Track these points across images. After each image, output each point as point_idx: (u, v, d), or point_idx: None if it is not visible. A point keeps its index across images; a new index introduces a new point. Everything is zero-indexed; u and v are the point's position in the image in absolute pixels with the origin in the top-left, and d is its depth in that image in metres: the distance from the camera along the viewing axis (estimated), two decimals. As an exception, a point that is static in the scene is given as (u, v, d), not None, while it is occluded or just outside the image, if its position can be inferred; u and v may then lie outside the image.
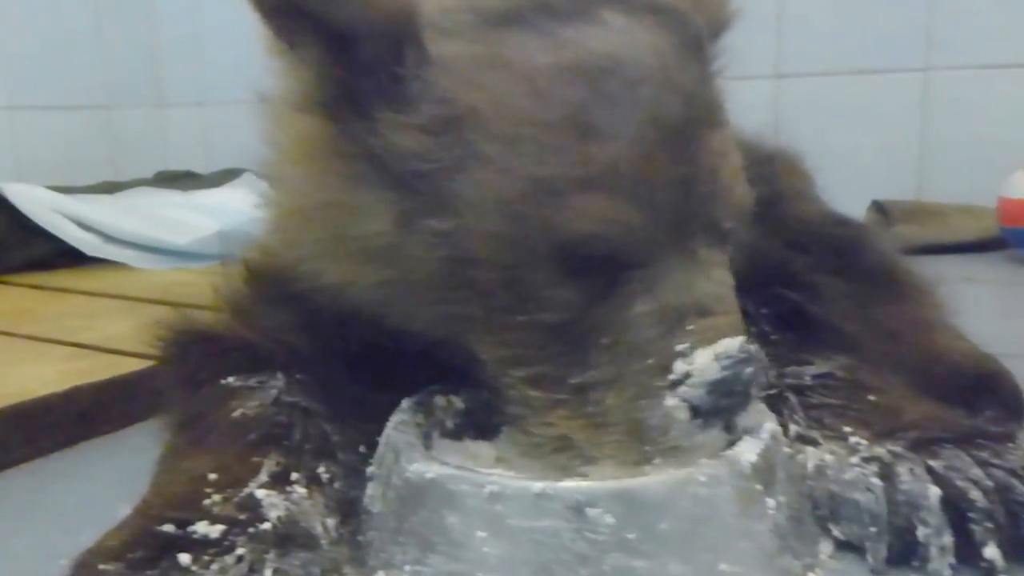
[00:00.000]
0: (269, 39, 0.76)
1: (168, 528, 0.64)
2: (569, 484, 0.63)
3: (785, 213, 1.01)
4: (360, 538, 0.72)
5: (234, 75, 2.97)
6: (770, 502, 0.66)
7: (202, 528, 0.64)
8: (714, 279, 0.71)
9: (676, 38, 0.74)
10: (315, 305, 0.83)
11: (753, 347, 0.69)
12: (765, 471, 0.67)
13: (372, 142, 0.72)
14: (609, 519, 0.61)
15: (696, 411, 0.67)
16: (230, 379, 0.81)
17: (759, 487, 0.66)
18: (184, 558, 0.62)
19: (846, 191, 1.57)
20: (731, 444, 0.69)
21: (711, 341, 0.67)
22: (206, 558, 0.62)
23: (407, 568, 0.66)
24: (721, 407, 0.67)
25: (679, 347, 0.68)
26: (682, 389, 0.67)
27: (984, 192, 2.00)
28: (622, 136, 0.68)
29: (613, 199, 0.67)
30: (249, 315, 0.87)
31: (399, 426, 0.74)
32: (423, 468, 0.67)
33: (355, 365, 0.85)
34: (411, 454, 0.69)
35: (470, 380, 0.84)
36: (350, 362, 0.85)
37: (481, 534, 0.63)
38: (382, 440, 0.75)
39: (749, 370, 0.67)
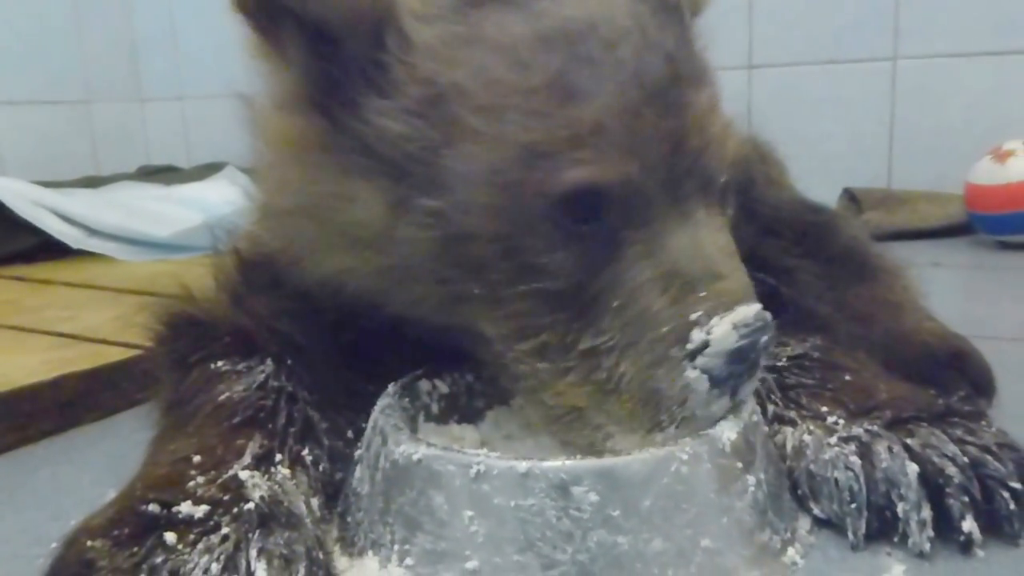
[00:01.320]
0: (251, 41, 0.76)
1: (153, 508, 0.64)
2: (554, 463, 0.62)
3: (758, 199, 1.01)
4: (348, 519, 0.72)
5: (212, 70, 3.00)
6: (750, 479, 0.67)
7: (186, 508, 0.64)
8: (718, 242, 0.71)
9: (653, 2, 0.73)
10: (305, 294, 0.83)
11: (767, 314, 0.68)
12: (745, 449, 0.67)
13: (361, 130, 0.72)
14: (593, 497, 0.61)
15: (713, 380, 0.66)
16: (219, 363, 0.80)
17: (739, 465, 0.67)
18: (169, 536, 0.62)
19: (817, 179, 1.59)
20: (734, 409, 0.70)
21: (727, 308, 0.66)
22: (191, 537, 0.62)
23: (395, 548, 0.66)
24: (734, 374, 0.67)
25: (694, 315, 0.67)
26: (700, 360, 0.66)
27: (951, 179, 2.03)
28: (605, 95, 0.67)
29: (603, 152, 0.67)
30: (241, 301, 0.86)
31: (386, 410, 0.74)
32: (410, 449, 0.66)
33: (343, 351, 0.85)
34: (398, 436, 0.69)
35: (458, 364, 0.84)
36: (338, 349, 0.85)
37: (468, 513, 0.63)
38: (369, 424, 0.74)
39: (765, 338, 0.67)
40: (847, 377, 0.81)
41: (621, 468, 0.62)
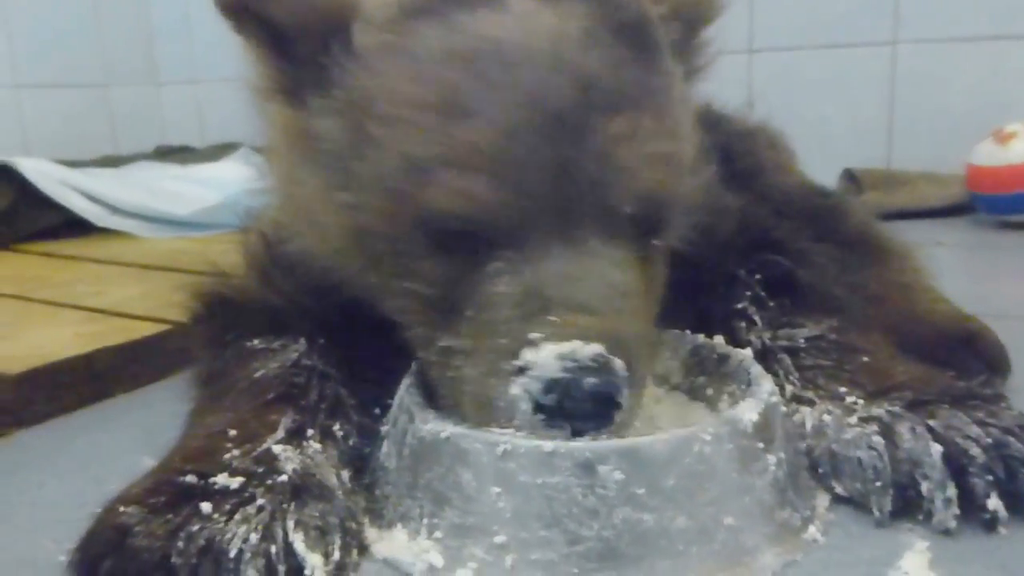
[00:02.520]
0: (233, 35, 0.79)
1: (190, 479, 0.65)
2: (580, 443, 0.62)
3: (768, 184, 1.01)
4: (376, 492, 0.72)
5: (225, 55, 2.96)
6: (770, 459, 0.66)
7: (222, 479, 0.65)
8: (603, 277, 0.67)
9: (593, 22, 0.70)
10: (319, 271, 0.84)
11: (618, 363, 0.63)
12: (765, 429, 0.67)
13: (307, 123, 0.75)
14: (618, 475, 0.61)
15: (539, 407, 0.63)
16: (254, 341, 0.81)
17: (760, 444, 0.66)
18: (205, 506, 0.62)
19: (818, 160, 1.58)
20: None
21: (564, 338, 0.63)
22: (227, 507, 0.62)
23: (424, 521, 0.66)
24: (565, 411, 0.63)
25: (533, 335, 0.64)
26: (522, 379, 0.63)
27: (950, 161, 2.02)
28: (490, 117, 0.66)
29: (472, 178, 0.65)
30: (269, 280, 0.87)
31: (410, 388, 0.74)
32: (438, 427, 0.66)
33: (366, 330, 0.85)
34: (424, 414, 0.69)
35: None
36: (361, 326, 0.85)
37: (495, 489, 0.63)
38: (395, 401, 0.75)
39: (592, 380, 0.62)
40: (864, 359, 0.80)
41: (645, 448, 0.62)
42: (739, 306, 0.85)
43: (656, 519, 0.61)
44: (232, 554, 0.59)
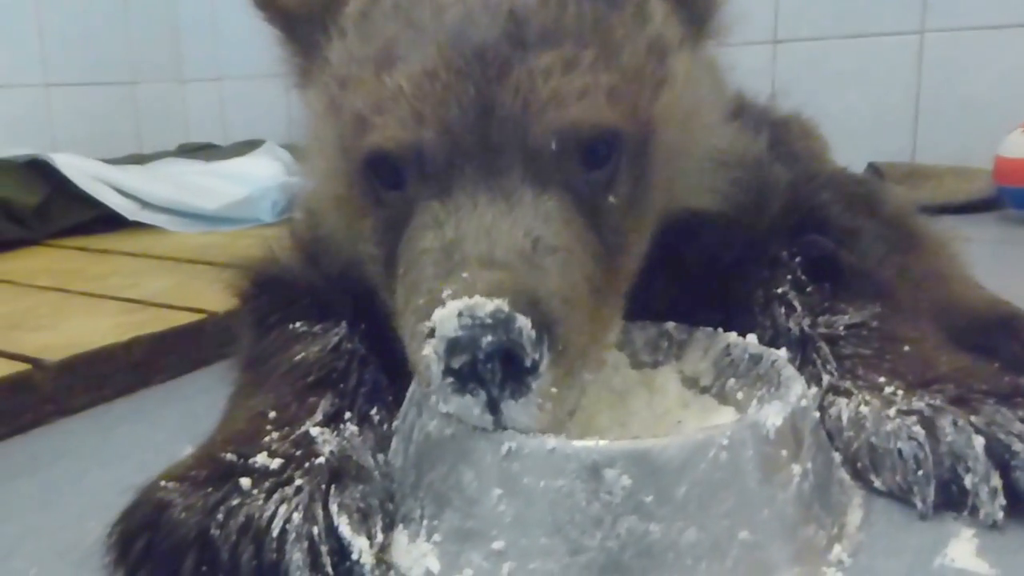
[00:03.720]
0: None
1: (230, 457, 0.65)
2: (587, 444, 0.58)
3: (807, 171, 1.00)
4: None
5: (249, 52, 3.00)
6: (795, 469, 0.61)
7: (261, 459, 0.65)
8: (527, 230, 0.62)
9: None
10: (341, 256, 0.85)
11: (522, 320, 0.57)
12: (791, 437, 0.62)
13: (309, 100, 0.78)
14: (625, 481, 0.57)
15: (449, 371, 0.58)
16: (297, 324, 0.81)
17: (784, 453, 0.61)
18: (245, 481, 0.62)
19: (842, 153, 1.57)
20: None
21: (468, 294, 0.58)
22: (266, 485, 0.62)
23: (424, 523, 0.63)
24: (474, 375, 0.58)
25: (445, 293, 0.59)
26: (433, 340, 0.59)
27: (977, 153, 1.99)
28: (413, 60, 0.65)
29: (396, 120, 0.65)
30: (316, 261, 0.87)
31: None
32: (442, 424, 0.63)
33: None
34: (432, 410, 0.64)
35: None
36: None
37: (497, 491, 0.59)
38: (408, 395, 0.72)
39: (490, 338, 0.56)
40: (906, 348, 0.78)
41: (656, 452, 0.57)
42: (779, 290, 0.84)
43: (664, 530, 0.57)
44: (274, 534, 0.59)
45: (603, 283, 0.67)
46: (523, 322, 0.57)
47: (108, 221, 1.98)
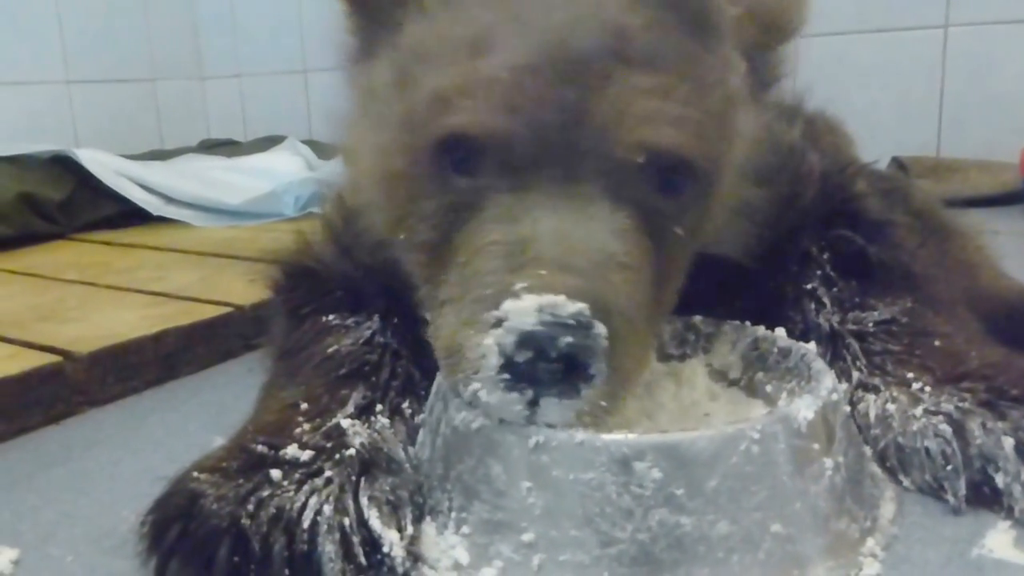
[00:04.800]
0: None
1: (261, 448, 0.65)
2: (617, 436, 0.58)
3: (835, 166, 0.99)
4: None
5: (268, 49, 3.02)
6: (827, 462, 0.61)
7: (292, 451, 0.65)
8: (603, 245, 0.62)
9: None
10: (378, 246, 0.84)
11: (601, 328, 0.58)
12: (823, 430, 0.62)
13: (374, 77, 0.75)
14: (656, 473, 0.57)
15: (509, 364, 0.58)
16: (330, 316, 0.82)
17: (816, 446, 0.61)
18: (276, 473, 0.62)
19: (866, 147, 1.56)
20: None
21: (546, 291, 0.58)
22: (296, 476, 0.63)
23: (452, 515, 0.63)
24: (532, 374, 0.58)
25: (518, 285, 0.59)
26: (497, 331, 0.58)
27: (1003, 147, 1.98)
28: (513, 52, 0.64)
29: (485, 107, 0.63)
30: (349, 252, 0.87)
31: None
32: (470, 417, 0.63)
33: None
34: (458, 402, 0.64)
35: None
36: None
37: (526, 484, 0.59)
38: (434, 388, 0.72)
39: (570, 339, 0.56)
40: (936, 342, 0.77)
41: (687, 444, 0.57)
42: (809, 286, 0.84)
43: (695, 523, 0.57)
44: (305, 525, 0.59)
45: (652, 309, 0.68)
46: (601, 330, 0.58)
47: (132, 215, 2.00)
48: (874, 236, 0.85)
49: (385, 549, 0.60)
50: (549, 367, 0.57)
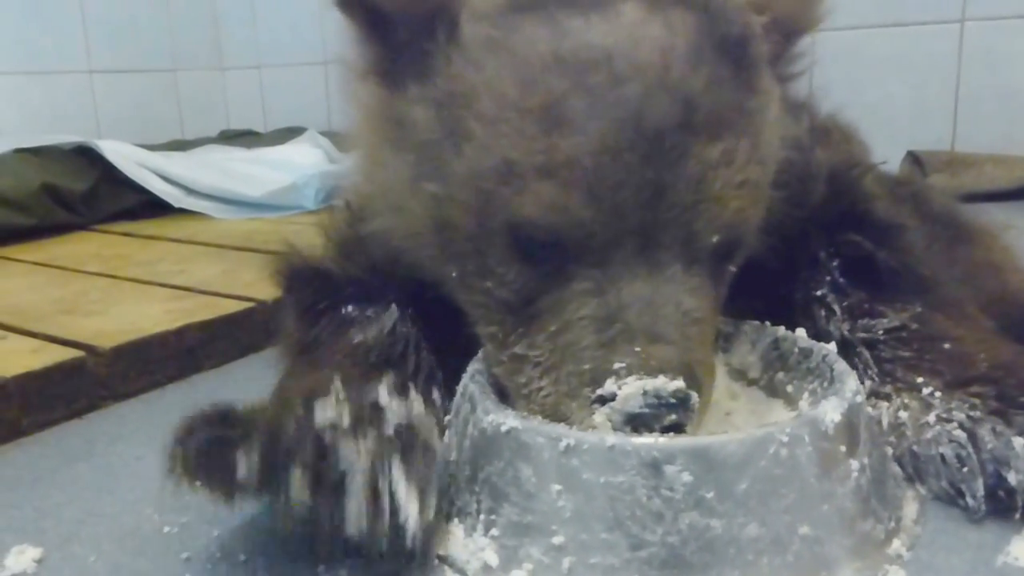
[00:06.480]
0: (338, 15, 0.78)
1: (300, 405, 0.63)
2: (646, 440, 0.58)
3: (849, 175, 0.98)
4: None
5: (288, 40, 3.02)
6: (853, 464, 0.61)
7: (332, 413, 0.62)
8: (681, 304, 0.66)
9: (699, 37, 0.66)
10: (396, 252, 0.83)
11: (695, 398, 0.62)
12: (848, 431, 0.62)
13: (401, 108, 0.73)
14: (686, 477, 0.57)
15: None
16: (348, 308, 0.81)
17: (842, 448, 0.61)
18: (320, 416, 0.61)
19: (881, 142, 1.54)
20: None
21: (649, 372, 0.61)
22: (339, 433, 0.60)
23: (481, 517, 0.63)
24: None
25: (617, 364, 0.62)
26: (604, 409, 0.61)
27: (1018, 141, 1.96)
28: (592, 131, 0.63)
29: (566, 190, 0.63)
30: (351, 255, 0.86)
31: (476, 376, 0.70)
32: (499, 419, 0.63)
33: (444, 305, 0.84)
34: (486, 404, 0.65)
35: None
36: (440, 302, 0.83)
37: (555, 487, 0.59)
38: (459, 389, 0.72)
39: (672, 417, 0.60)
40: (946, 346, 0.76)
41: (716, 448, 0.57)
42: (818, 293, 0.83)
43: (725, 526, 0.57)
44: (339, 470, 0.58)
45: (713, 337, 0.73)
46: (695, 400, 0.62)
47: (154, 207, 2.00)
48: (883, 240, 0.84)
49: (401, 518, 0.58)
50: (653, 430, 0.61)
